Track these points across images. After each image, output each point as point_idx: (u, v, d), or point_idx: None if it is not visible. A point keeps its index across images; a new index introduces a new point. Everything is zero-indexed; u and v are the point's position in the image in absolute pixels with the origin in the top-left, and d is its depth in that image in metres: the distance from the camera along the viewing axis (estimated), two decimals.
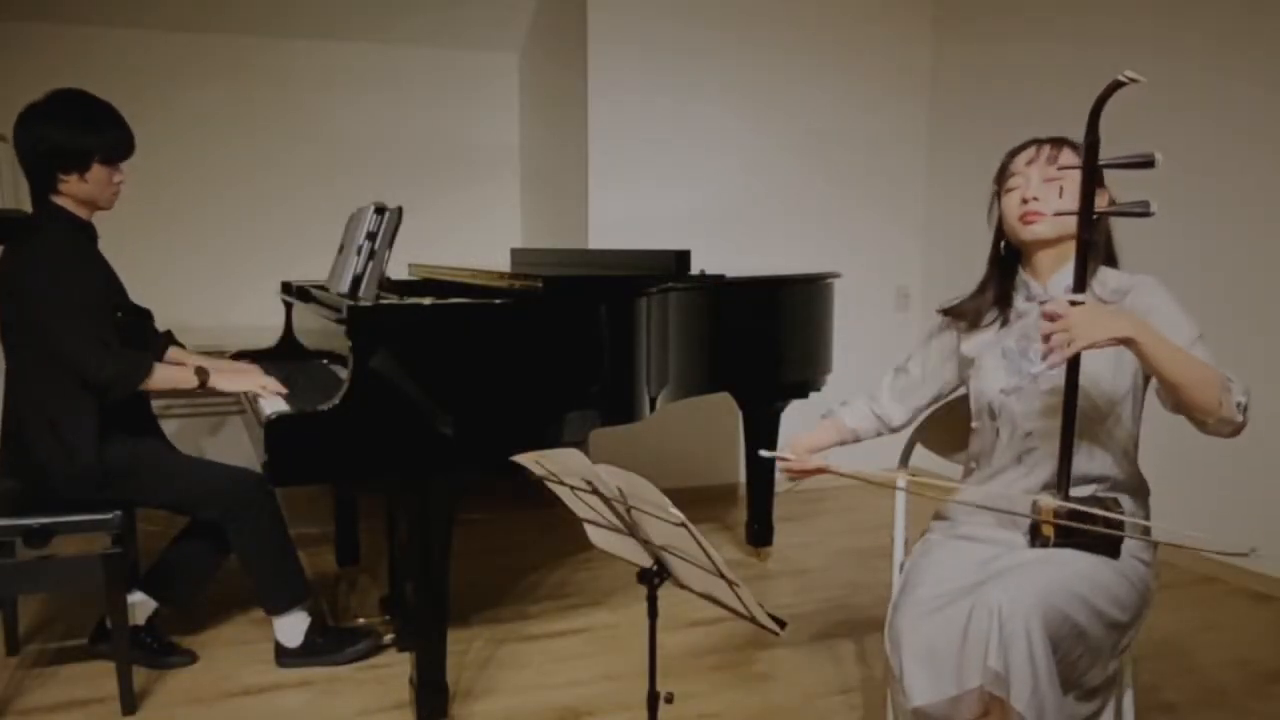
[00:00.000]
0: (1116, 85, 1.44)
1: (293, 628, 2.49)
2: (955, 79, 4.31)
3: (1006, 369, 1.73)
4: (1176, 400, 1.51)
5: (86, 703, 2.33)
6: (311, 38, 4.30)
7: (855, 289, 4.18)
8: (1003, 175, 1.75)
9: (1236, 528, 3.12)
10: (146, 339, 2.57)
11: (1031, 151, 1.72)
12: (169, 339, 2.67)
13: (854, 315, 4.26)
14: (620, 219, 3.97)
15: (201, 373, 2.37)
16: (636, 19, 3.93)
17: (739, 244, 4.10)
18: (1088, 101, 1.45)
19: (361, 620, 2.73)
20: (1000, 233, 1.78)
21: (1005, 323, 1.76)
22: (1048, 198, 1.66)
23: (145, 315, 2.59)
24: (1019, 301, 1.76)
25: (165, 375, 2.33)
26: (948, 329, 1.88)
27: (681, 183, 4.07)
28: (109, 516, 2.29)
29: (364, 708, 2.31)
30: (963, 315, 1.82)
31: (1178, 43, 3.26)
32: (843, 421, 1.98)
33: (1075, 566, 1.54)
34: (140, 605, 2.47)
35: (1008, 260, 1.78)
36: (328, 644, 2.52)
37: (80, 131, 2.30)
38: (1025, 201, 1.68)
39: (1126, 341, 1.46)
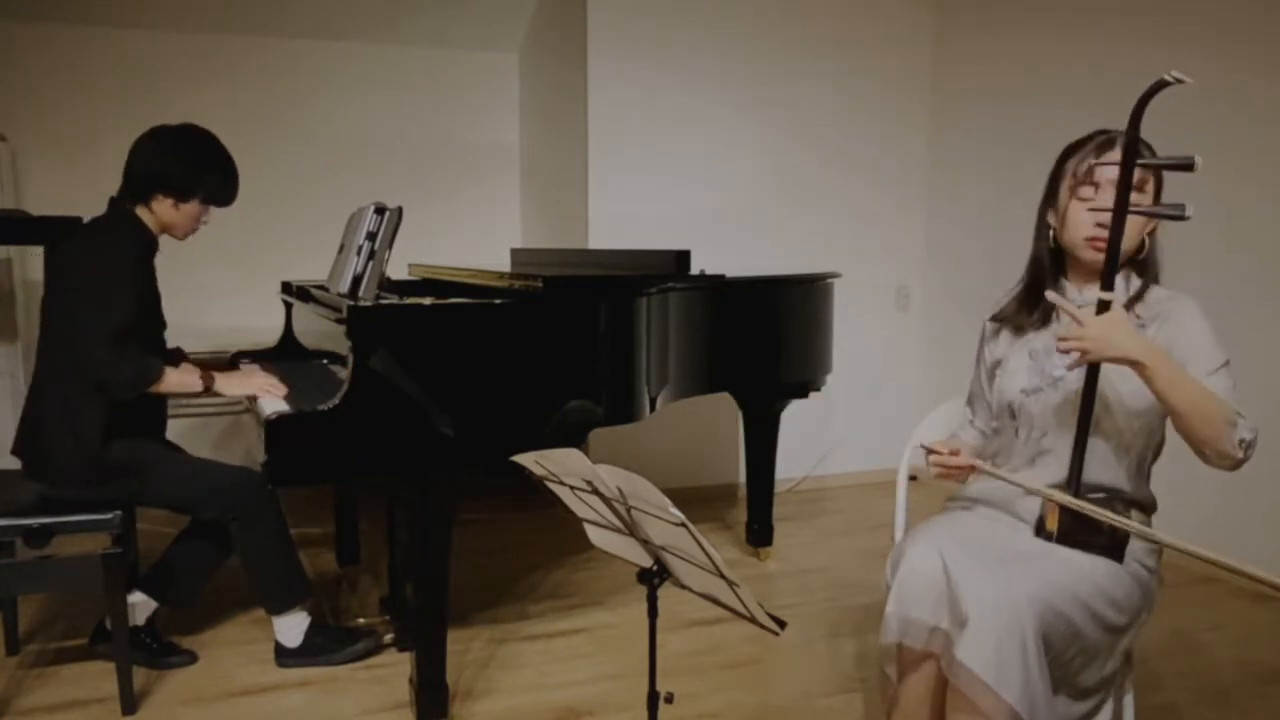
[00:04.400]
0: (1162, 84, 1.42)
1: (293, 628, 2.50)
2: (956, 78, 4.31)
3: (1030, 370, 1.73)
4: (1179, 428, 1.52)
5: (86, 703, 2.33)
6: (312, 38, 4.30)
7: (855, 289, 4.18)
8: (1081, 174, 1.63)
9: (1238, 529, 3.12)
10: (161, 350, 2.60)
11: (1108, 169, 1.60)
12: (180, 355, 2.69)
13: (854, 315, 4.27)
14: (620, 219, 3.97)
15: (207, 377, 2.42)
16: (636, 18, 3.93)
17: (739, 243, 4.10)
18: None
19: (361, 620, 2.73)
20: (1047, 226, 1.71)
21: (1045, 324, 1.75)
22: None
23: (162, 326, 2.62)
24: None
25: (174, 380, 2.36)
26: (983, 343, 1.88)
27: (681, 182, 4.07)
28: (109, 516, 2.30)
29: (364, 708, 2.31)
30: (1008, 319, 1.80)
31: (1183, 32, 3.25)
32: (966, 441, 1.89)
33: (1077, 567, 1.55)
34: (140, 605, 2.47)
35: (1054, 257, 1.73)
36: (327, 644, 2.52)
37: (197, 168, 2.42)
38: (1100, 225, 1.60)
39: (1134, 364, 1.48)
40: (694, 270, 2.81)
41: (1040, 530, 1.63)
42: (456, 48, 4.54)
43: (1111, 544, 1.58)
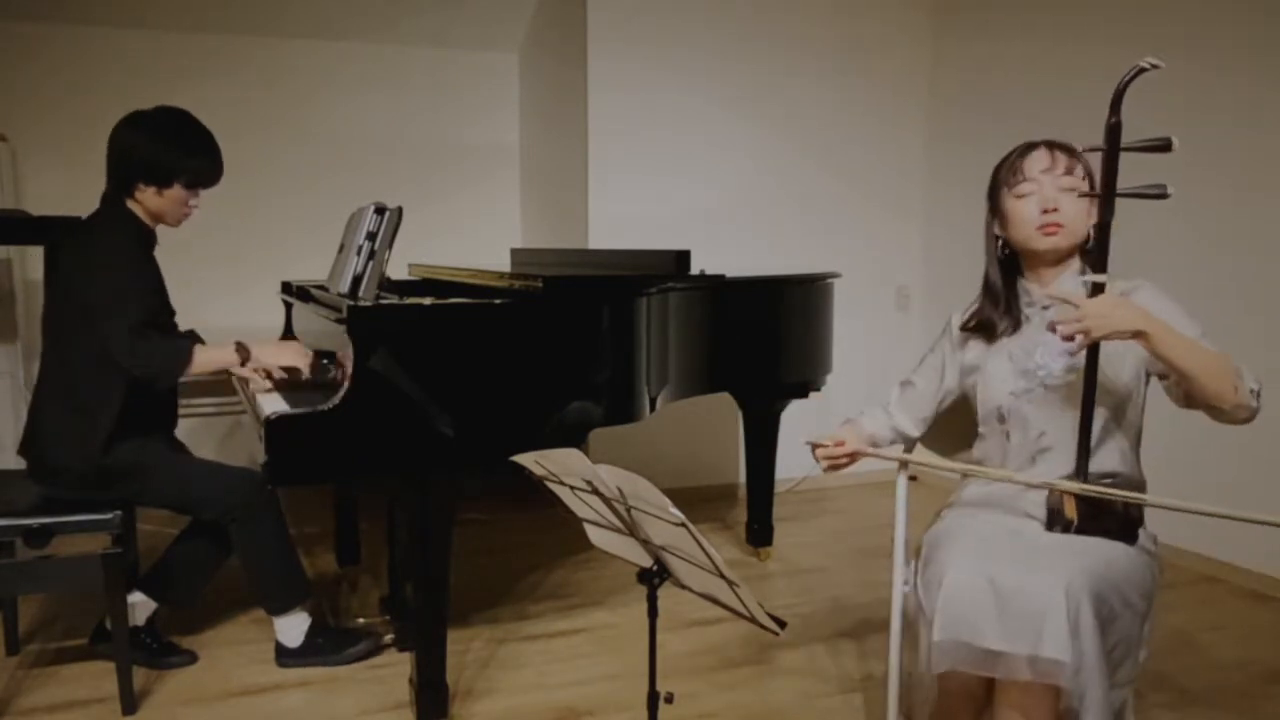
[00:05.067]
0: (1139, 71, 1.49)
1: (293, 628, 2.50)
2: (954, 78, 4.31)
3: (1013, 372, 1.74)
4: (1190, 391, 1.53)
5: (86, 703, 2.33)
6: (311, 38, 4.30)
7: (855, 289, 4.18)
8: (1012, 177, 1.72)
9: (1227, 527, 3.13)
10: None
11: (1045, 158, 1.69)
12: (194, 338, 2.67)
13: (854, 315, 4.27)
14: (620, 219, 3.97)
15: (242, 350, 2.38)
16: (636, 18, 3.93)
17: (739, 244, 4.10)
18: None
19: (361, 620, 2.73)
20: (996, 238, 1.77)
21: (1015, 328, 1.77)
22: (1065, 208, 1.66)
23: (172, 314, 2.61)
24: (1023, 305, 1.77)
25: (207, 358, 2.33)
26: (946, 339, 1.89)
27: (681, 182, 4.07)
28: (109, 516, 2.30)
29: (364, 708, 2.31)
30: (981, 329, 1.81)
31: (1178, 38, 3.25)
32: (862, 426, 1.95)
33: (1103, 554, 1.56)
34: (140, 605, 2.47)
35: (1008, 264, 1.78)
36: (328, 644, 2.52)
37: (173, 152, 2.36)
38: (1046, 211, 1.66)
39: (1139, 335, 1.49)
40: (694, 270, 2.81)
41: (1055, 522, 1.63)
42: (456, 48, 4.54)
43: (1126, 525, 1.61)
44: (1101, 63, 3.50)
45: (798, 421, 3.96)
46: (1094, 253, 1.64)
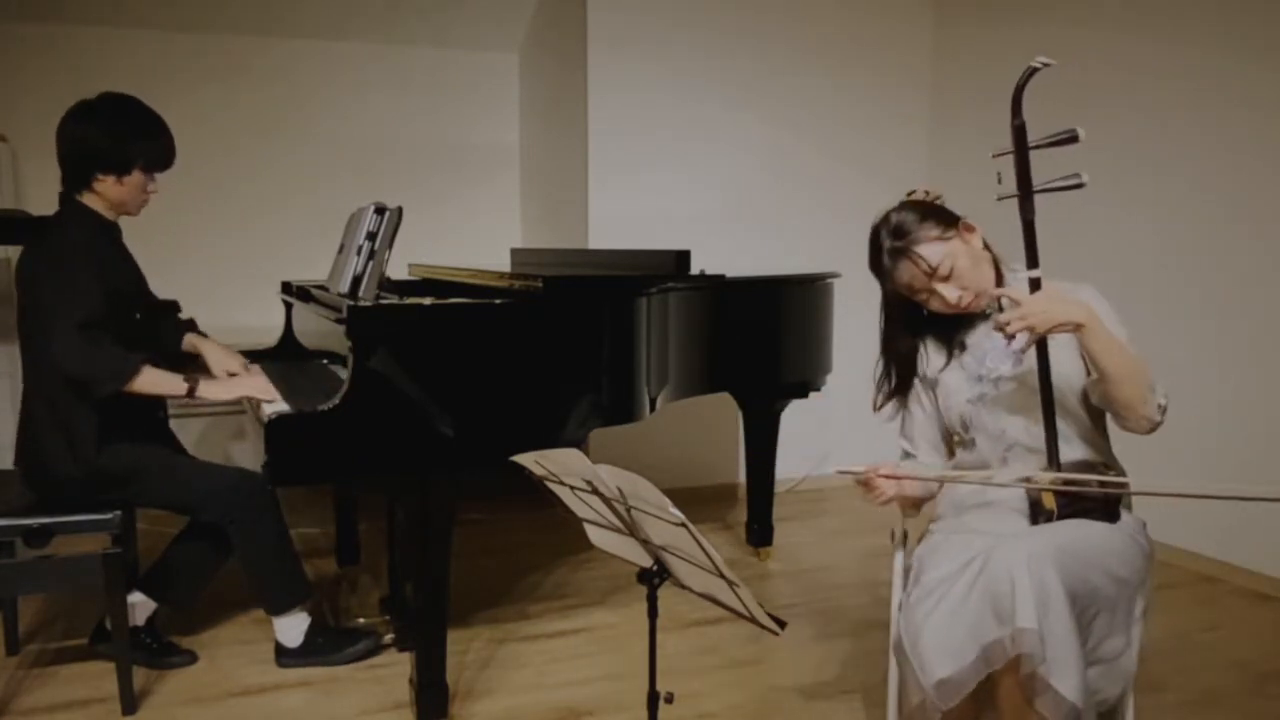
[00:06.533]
0: (1031, 71, 1.60)
1: (293, 628, 2.49)
2: (957, 68, 4.30)
3: (967, 380, 1.80)
4: (1103, 392, 1.59)
5: (86, 703, 2.33)
6: (311, 38, 4.30)
7: (856, 289, 4.17)
8: (903, 301, 1.82)
9: (1226, 527, 3.13)
10: (163, 334, 2.58)
11: (906, 272, 1.79)
12: (189, 326, 2.65)
13: (855, 315, 4.26)
14: (620, 219, 3.97)
15: (191, 379, 2.34)
16: (636, 19, 3.93)
17: (739, 243, 4.10)
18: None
19: (361, 620, 2.73)
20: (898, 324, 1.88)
21: (961, 351, 1.81)
22: (961, 286, 1.73)
23: (169, 307, 2.58)
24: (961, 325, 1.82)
25: (151, 379, 2.28)
26: (905, 393, 1.93)
27: (682, 182, 4.07)
28: (109, 516, 2.30)
29: (364, 708, 2.31)
30: (901, 389, 1.90)
31: (1178, 26, 3.24)
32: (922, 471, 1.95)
33: (1080, 530, 1.59)
34: (140, 605, 2.47)
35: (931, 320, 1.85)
36: (328, 644, 2.52)
37: (127, 137, 2.33)
38: (951, 305, 1.74)
39: (1076, 327, 1.54)
40: (694, 270, 2.81)
41: (1038, 514, 1.66)
42: (456, 48, 4.54)
43: (1105, 506, 1.64)
44: (1107, 49, 3.48)
45: (798, 421, 3.98)
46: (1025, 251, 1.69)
